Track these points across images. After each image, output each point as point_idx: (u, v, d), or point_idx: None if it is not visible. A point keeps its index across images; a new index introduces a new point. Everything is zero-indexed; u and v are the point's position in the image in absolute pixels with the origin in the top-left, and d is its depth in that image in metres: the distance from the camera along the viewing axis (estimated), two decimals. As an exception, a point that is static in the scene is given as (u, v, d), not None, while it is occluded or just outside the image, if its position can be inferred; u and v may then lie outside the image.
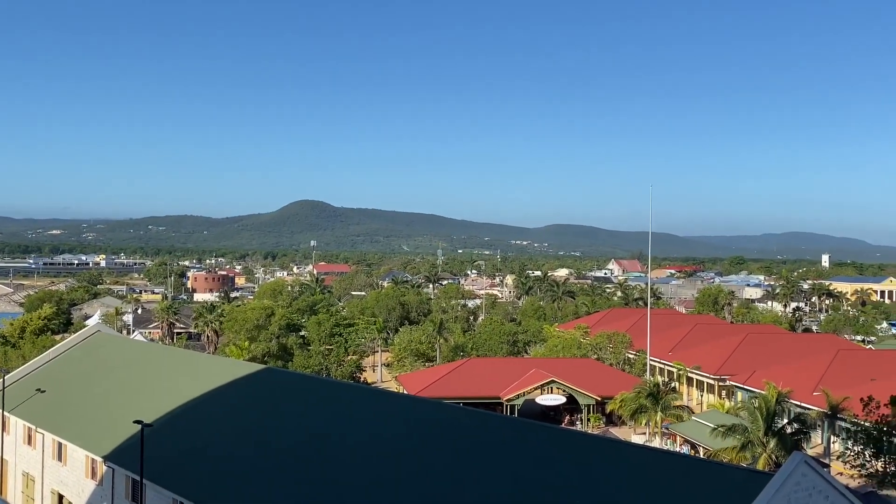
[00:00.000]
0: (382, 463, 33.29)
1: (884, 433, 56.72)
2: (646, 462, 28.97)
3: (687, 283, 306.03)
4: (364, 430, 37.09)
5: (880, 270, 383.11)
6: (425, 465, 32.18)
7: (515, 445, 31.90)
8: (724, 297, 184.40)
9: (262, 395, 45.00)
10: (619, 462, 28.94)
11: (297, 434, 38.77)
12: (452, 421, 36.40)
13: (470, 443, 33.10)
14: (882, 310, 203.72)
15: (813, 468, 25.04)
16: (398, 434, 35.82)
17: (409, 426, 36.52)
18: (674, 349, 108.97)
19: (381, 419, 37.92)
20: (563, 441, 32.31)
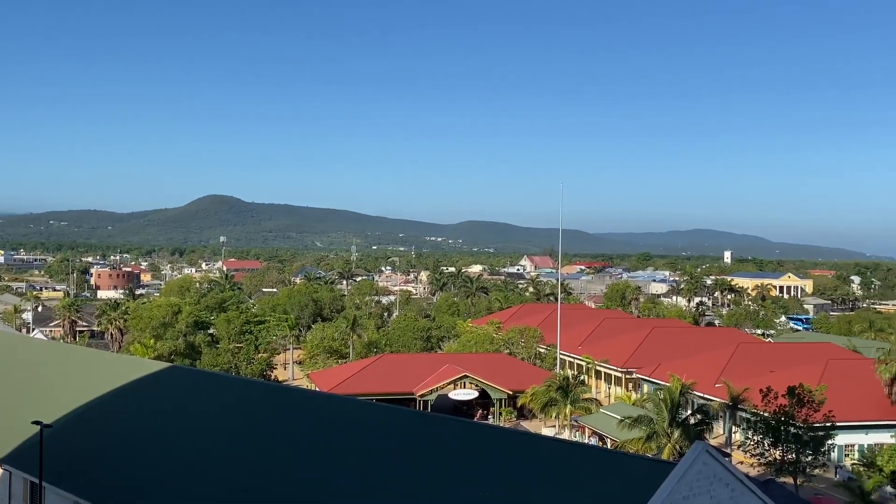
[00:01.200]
0: (293, 461, 32.91)
1: (781, 423, 59.16)
2: (555, 454, 29.44)
3: (596, 278, 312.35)
4: (274, 428, 36.60)
5: (779, 267, 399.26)
6: (337, 461, 31.96)
7: (428, 440, 31.99)
8: (631, 293, 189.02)
9: (169, 395, 43.93)
10: (529, 454, 29.31)
11: (204, 433, 37.98)
12: (365, 417, 36.27)
13: (382, 438, 33.04)
14: (780, 304, 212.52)
15: (714, 457, 25.85)
16: (309, 431, 35.48)
17: (320, 423, 36.21)
18: (583, 343, 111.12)
19: (292, 417, 37.50)
20: (474, 435, 32.56)
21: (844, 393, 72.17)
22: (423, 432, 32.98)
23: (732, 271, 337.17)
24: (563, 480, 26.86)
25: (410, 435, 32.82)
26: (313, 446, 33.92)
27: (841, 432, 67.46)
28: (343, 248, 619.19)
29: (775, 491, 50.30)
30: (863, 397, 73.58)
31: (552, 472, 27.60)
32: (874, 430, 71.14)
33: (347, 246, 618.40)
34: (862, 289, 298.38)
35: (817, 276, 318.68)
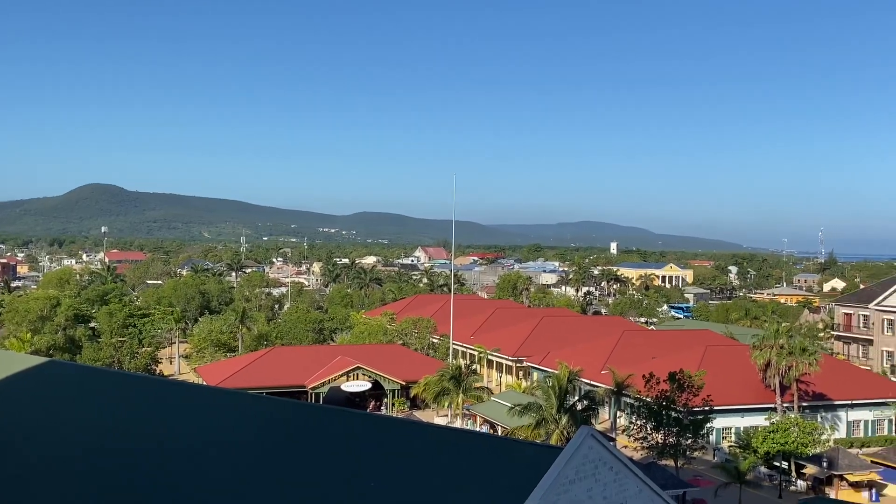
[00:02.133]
0: (178, 457, 31.92)
1: (663, 407, 61.33)
2: (446, 442, 29.55)
3: (489, 269, 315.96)
4: (158, 423, 35.40)
5: (662, 257, 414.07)
6: (225, 457, 31.19)
7: (317, 432, 31.60)
8: (522, 283, 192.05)
9: (45, 390, 41.85)
10: (420, 443, 29.33)
11: (83, 430, 36.37)
12: (253, 411, 35.50)
13: (272, 432, 32.43)
14: (663, 294, 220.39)
15: (599, 441, 26.44)
16: (195, 427, 34.48)
17: (208, 418, 35.24)
18: (476, 333, 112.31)
19: (178, 412, 36.36)
20: (365, 426, 32.36)
21: (722, 378, 75.48)
22: (312, 425, 32.56)
23: (618, 262, 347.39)
24: (454, 468, 26.99)
25: (299, 428, 32.36)
26: (197, 442, 32.99)
27: (719, 416, 70.59)
28: (232, 239, 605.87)
29: (657, 473, 52.14)
30: (739, 382, 77.08)
31: (443, 460, 27.70)
32: (749, 413, 74.66)
33: (237, 237, 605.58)
34: (738, 279, 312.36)
35: (697, 267, 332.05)
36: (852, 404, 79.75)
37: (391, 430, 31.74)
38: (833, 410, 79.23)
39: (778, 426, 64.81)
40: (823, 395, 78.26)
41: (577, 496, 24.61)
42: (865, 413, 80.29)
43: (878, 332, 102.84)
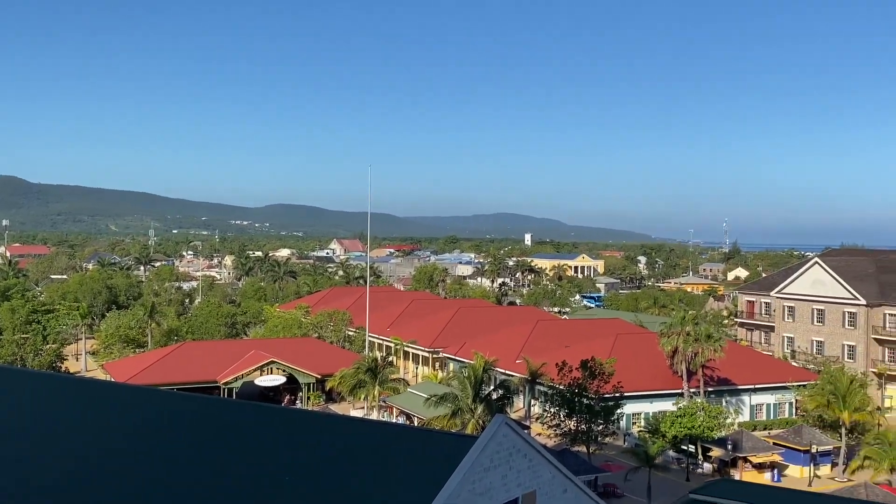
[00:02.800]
0: (86, 457, 30.93)
1: (575, 395, 62.54)
2: (362, 434, 29.46)
3: (405, 261, 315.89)
4: (64, 422, 34.22)
5: (574, 248, 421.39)
6: (135, 455, 30.38)
7: (231, 428, 31.08)
8: (438, 275, 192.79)
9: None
10: (335, 436, 29.17)
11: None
12: (165, 407, 34.67)
13: (183, 428, 31.73)
14: (575, 284, 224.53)
15: (513, 429, 26.77)
16: (103, 425, 33.47)
17: (116, 415, 34.25)
18: (392, 325, 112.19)
19: (85, 410, 35.22)
20: (278, 420, 31.99)
21: (632, 365, 77.44)
22: (224, 420, 32.01)
23: (532, 253, 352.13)
24: (370, 460, 26.95)
25: (211, 424, 31.77)
26: (105, 440, 32.04)
27: (629, 402, 72.44)
28: (140, 233, 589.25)
29: (570, 459, 53.22)
30: (648, 369, 79.22)
31: (358, 452, 27.62)
32: (658, 398, 76.82)
33: (145, 230, 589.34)
34: (647, 268, 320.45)
35: (608, 257, 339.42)
36: (755, 388, 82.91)
37: (306, 424, 31.47)
38: (737, 395, 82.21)
39: (685, 411, 66.89)
40: (728, 380, 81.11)
41: (491, 484, 24.88)
42: (767, 397, 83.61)
43: (779, 319, 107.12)
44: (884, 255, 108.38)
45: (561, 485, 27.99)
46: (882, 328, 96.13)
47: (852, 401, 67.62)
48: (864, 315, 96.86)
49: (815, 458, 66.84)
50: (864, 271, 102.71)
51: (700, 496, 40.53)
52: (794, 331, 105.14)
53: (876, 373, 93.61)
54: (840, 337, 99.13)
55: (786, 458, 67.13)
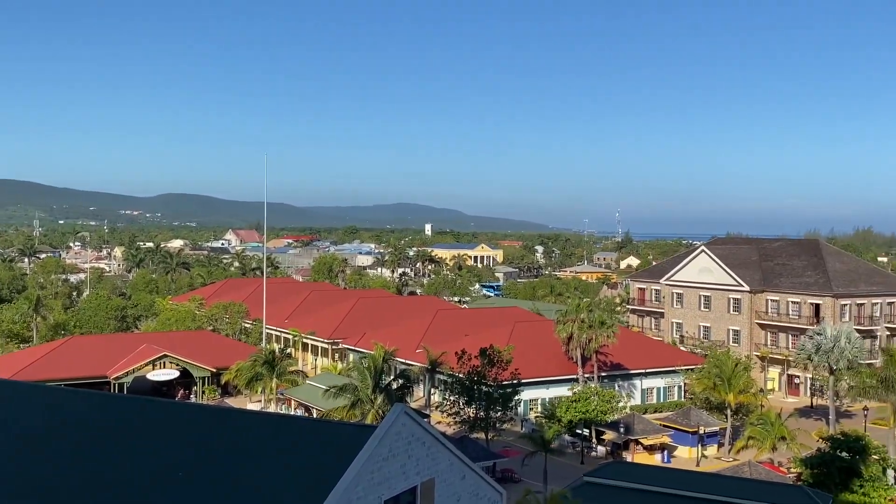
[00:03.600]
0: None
1: (474, 382, 63.29)
2: (258, 427, 29.04)
3: (304, 251, 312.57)
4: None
5: (474, 238, 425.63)
6: (19, 453, 29.08)
7: (122, 423, 30.11)
8: (338, 265, 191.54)
9: None
10: (230, 430, 28.65)
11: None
12: (51, 404, 33.31)
13: (72, 425, 30.55)
14: (475, 273, 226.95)
15: (412, 418, 26.91)
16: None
17: (0, 413, 32.68)
18: (290, 316, 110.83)
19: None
20: (171, 415, 31.19)
21: (529, 352, 78.87)
22: (114, 416, 30.99)
23: (433, 243, 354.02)
24: (267, 453, 26.59)
25: (100, 419, 30.71)
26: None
27: (526, 388, 73.74)
28: (24, 223, 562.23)
29: (469, 446, 53.85)
30: (545, 355, 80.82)
31: (255, 445, 27.22)
32: (554, 384, 78.51)
33: (29, 220, 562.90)
34: (545, 257, 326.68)
35: (507, 247, 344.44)
36: (646, 373, 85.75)
37: (200, 419, 30.80)
38: (629, 379, 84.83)
39: (579, 396, 68.63)
40: (620, 365, 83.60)
41: (390, 473, 24.96)
42: (658, 381, 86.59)
43: (669, 305, 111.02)
44: (766, 244, 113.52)
45: (459, 471, 28.32)
46: (764, 313, 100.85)
47: (737, 383, 70.71)
48: (748, 301, 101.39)
49: (702, 438, 69.68)
50: (747, 259, 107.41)
51: (593, 478, 41.69)
52: (683, 316, 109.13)
53: (759, 356, 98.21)
54: (725, 322, 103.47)
55: (675, 439, 69.69)
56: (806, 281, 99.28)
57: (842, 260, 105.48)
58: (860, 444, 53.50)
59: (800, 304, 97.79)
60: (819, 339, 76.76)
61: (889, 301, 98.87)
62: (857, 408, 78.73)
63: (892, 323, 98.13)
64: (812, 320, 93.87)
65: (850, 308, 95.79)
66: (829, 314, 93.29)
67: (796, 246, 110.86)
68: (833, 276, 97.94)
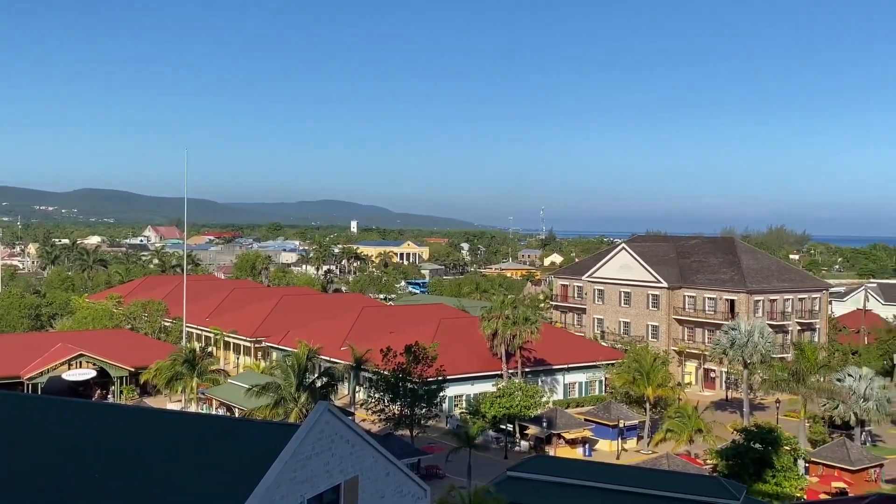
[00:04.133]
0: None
1: (399, 379, 63.36)
2: (179, 427, 28.55)
3: (226, 249, 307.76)
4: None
5: (400, 235, 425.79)
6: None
7: (36, 424, 29.22)
8: (261, 262, 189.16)
9: None
10: (149, 430, 28.10)
11: None
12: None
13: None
14: (401, 270, 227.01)
15: (336, 416, 26.82)
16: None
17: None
18: (212, 315, 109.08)
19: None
20: (89, 415, 30.41)
21: (454, 349, 79.30)
22: (28, 416, 30.04)
23: (358, 240, 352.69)
24: (187, 453, 26.17)
25: (12, 420, 29.72)
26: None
27: (451, 384, 74.15)
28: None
29: (394, 443, 53.90)
30: (470, 352, 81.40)
31: (174, 445, 26.76)
32: (479, 380, 79.14)
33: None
34: (470, 255, 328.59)
35: (433, 244, 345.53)
36: (568, 368, 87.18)
37: (118, 419, 30.14)
38: (552, 374, 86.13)
39: (504, 391, 69.34)
40: (544, 360, 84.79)
41: (313, 471, 24.84)
42: (580, 375, 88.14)
43: (590, 302, 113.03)
44: (683, 241, 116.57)
45: (384, 469, 28.35)
46: (682, 309, 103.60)
47: (655, 377, 72.49)
48: (666, 297, 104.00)
49: (622, 432, 71.24)
50: (665, 256, 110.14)
51: (517, 473, 42.26)
52: (604, 312, 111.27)
53: (676, 351, 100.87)
54: (645, 318, 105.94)
55: (596, 433, 71.08)
56: (721, 278, 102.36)
57: (755, 257, 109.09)
58: (773, 436, 55.52)
59: (715, 300, 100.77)
60: (734, 334, 79.23)
61: (800, 297, 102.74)
62: (770, 400, 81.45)
63: (802, 318, 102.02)
64: (727, 316, 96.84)
65: (763, 304, 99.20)
66: (744, 310, 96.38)
67: (712, 244, 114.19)
68: (747, 273, 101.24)
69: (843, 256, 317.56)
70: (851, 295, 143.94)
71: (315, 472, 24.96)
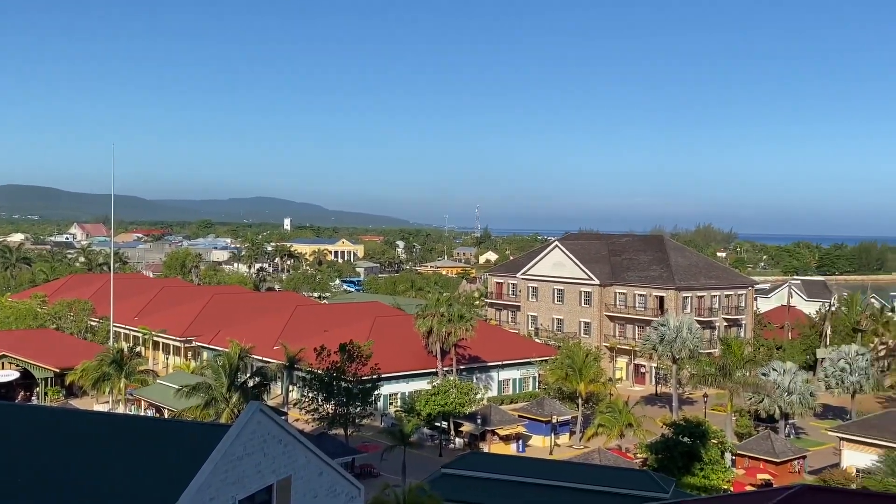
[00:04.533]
0: None
1: (333, 378, 62.93)
2: (106, 429, 27.87)
3: (155, 246, 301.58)
4: None
5: (334, 233, 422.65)
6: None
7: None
8: (192, 260, 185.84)
9: None
10: (75, 433, 27.34)
11: None
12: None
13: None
14: (335, 268, 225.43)
15: (268, 416, 26.49)
16: None
17: None
18: (140, 314, 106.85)
19: None
20: (12, 417, 29.43)
21: (389, 346, 79.16)
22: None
23: (292, 238, 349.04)
24: (114, 455, 25.56)
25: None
26: None
27: (386, 383, 74.00)
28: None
29: (328, 443, 53.53)
30: (405, 350, 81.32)
31: (101, 447, 26.11)
32: (414, 378, 79.15)
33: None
34: (406, 253, 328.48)
35: (368, 242, 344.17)
36: (503, 365, 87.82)
37: (43, 421, 29.25)
38: (487, 371, 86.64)
39: (439, 389, 69.49)
40: (479, 357, 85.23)
41: (244, 472, 24.52)
42: (514, 372, 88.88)
43: (524, 299, 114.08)
44: (615, 239, 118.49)
45: (317, 468, 28.12)
46: (613, 305, 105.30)
47: (587, 373, 73.56)
48: (598, 294, 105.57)
49: (555, 427, 72.07)
50: (597, 254, 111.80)
51: (451, 470, 42.43)
52: (538, 309, 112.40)
53: (608, 346, 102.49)
54: (577, 314, 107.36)
55: (530, 429, 71.74)
56: (651, 275, 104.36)
57: (684, 255, 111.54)
58: (700, 430, 56.84)
59: (646, 296, 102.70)
60: (663, 330, 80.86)
61: (726, 294, 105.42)
62: (698, 395, 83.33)
63: (729, 314, 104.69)
64: (657, 312, 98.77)
65: (691, 300, 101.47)
66: (673, 306, 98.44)
67: (643, 242, 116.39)
68: (676, 271, 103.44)
69: (768, 254, 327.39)
70: (776, 291, 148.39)
71: (246, 473, 24.64)
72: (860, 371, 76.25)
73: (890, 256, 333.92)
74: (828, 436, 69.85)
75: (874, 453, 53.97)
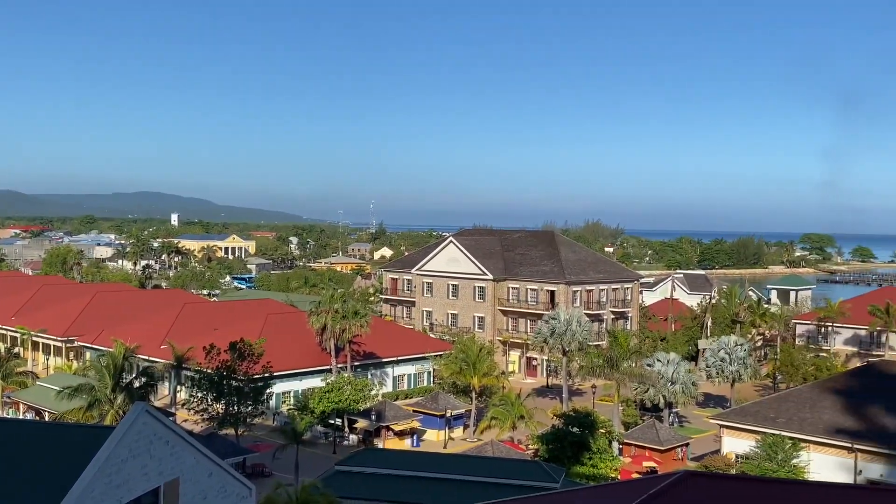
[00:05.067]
0: None
1: (224, 377, 61.64)
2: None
3: (34, 243, 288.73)
4: None
5: (225, 229, 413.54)
6: None
7: None
8: (73, 257, 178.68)
9: None
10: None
11: None
12: None
13: None
14: (226, 265, 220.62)
15: (155, 417, 25.80)
16: None
17: None
18: (18, 313, 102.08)
19: None
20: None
21: (282, 344, 78.01)
22: None
23: (180, 234, 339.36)
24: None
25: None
26: None
27: (279, 381, 72.99)
28: None
29: (217, 443, 52.48)
30: (298, 347, 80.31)
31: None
32: (308, 376, 78.30)
33: None
34: (299, 249, 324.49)
35: (260, 238, 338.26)
36: (398, 360, 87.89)
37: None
38: (382, 367, 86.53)
39: (333, 386, 69.01)
40: (374, 353, 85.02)
41: (130, 475, 23.84)
42: (409, 367, 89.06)
43: (419, 294, 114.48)
44: (508, 234, 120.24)
45: (206, 469, 27.59)
46: (506, 300, 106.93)
47: (481, 367, 74.45)
48: (492, 289, 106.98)
49: (449, 421, 72.67)
50: (491, 249, 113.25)
51: (345, 467, 42.27)
52: (433, 305, 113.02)
53: (501, 340, 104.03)
54: (472, 309, 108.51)
55: (424, 423, 72.10)
56: (543, 269, 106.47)
57: (574, 250, 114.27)
58: (589, 420, 58.44)
59: (537, 291, 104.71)
60: (553, 324, 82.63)
61: (614, 287, 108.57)
62: (587, 386, 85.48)
63: (616, 307, 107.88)
64: (548, 306, 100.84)
65: (580, 294, 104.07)
66: (563, 300, 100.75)
67: (534, 237, 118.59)
68: (566, 265, 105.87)
69: (652, 249, 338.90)
70: (660, 285, 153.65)
71: (132, 476, 23.97)
72: (739, 361, 79.74)
73: (766, 251, 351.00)
74: (709, 423, 72.66)
75: (752, 439, 56.56)
